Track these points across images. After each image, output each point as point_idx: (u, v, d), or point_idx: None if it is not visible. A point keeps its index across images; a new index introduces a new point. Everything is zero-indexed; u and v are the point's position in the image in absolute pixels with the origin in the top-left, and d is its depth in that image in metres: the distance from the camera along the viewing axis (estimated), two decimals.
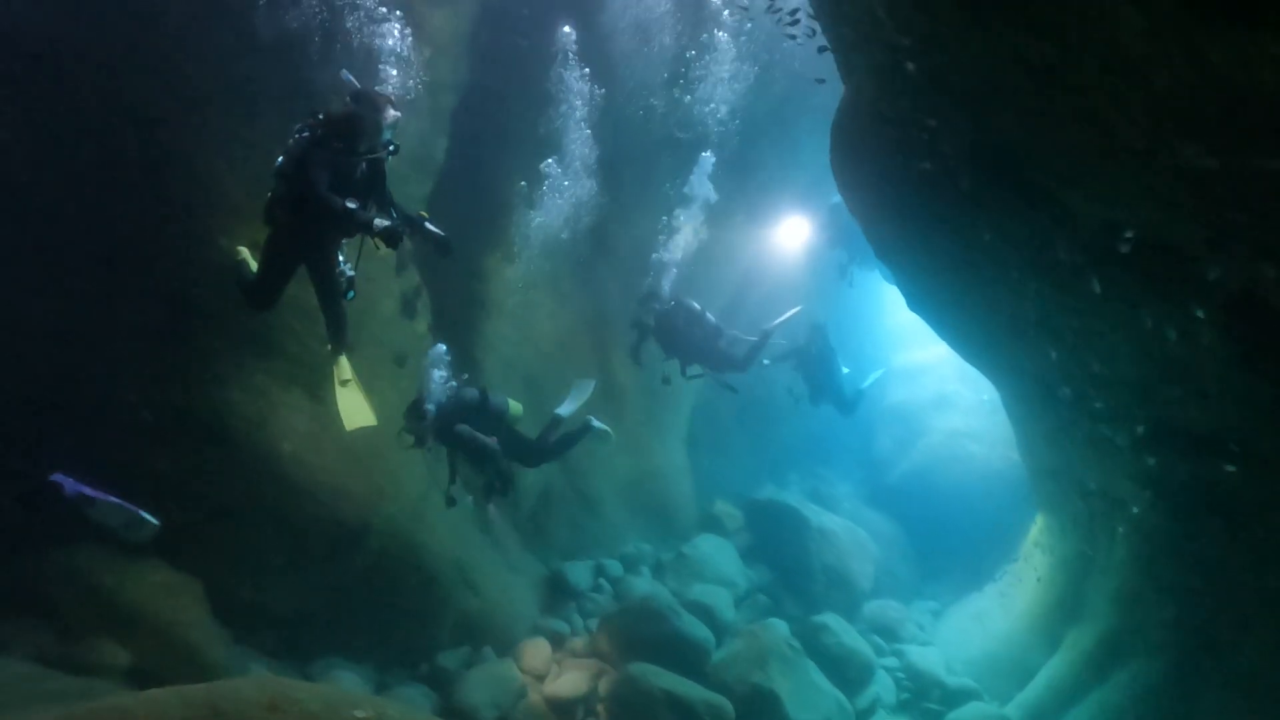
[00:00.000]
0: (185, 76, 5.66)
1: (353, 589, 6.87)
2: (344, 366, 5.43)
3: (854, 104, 5.66)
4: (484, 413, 6.18)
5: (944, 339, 7.60)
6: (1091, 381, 5.58)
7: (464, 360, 8.15)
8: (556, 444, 6.69)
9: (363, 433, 5.71)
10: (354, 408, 5.50)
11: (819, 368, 9.07)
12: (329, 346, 5.32)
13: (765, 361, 8.35)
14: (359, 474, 6.62)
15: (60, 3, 5.49)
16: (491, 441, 6.01)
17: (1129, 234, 4.00)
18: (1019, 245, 5.01)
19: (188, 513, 6.18)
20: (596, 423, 6.82)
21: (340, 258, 5.00)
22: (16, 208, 5.89)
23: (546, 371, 8.74)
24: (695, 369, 7.84)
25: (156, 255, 6.00)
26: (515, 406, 6.43)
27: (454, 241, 4.79)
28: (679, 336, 7.67)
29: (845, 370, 9.37)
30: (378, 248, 4.53)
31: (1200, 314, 4.05)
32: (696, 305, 7.88)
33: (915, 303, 7.02)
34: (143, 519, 5.45)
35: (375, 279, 6.83)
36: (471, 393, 6.21)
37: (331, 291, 5.01)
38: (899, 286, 7.04)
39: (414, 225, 4.66)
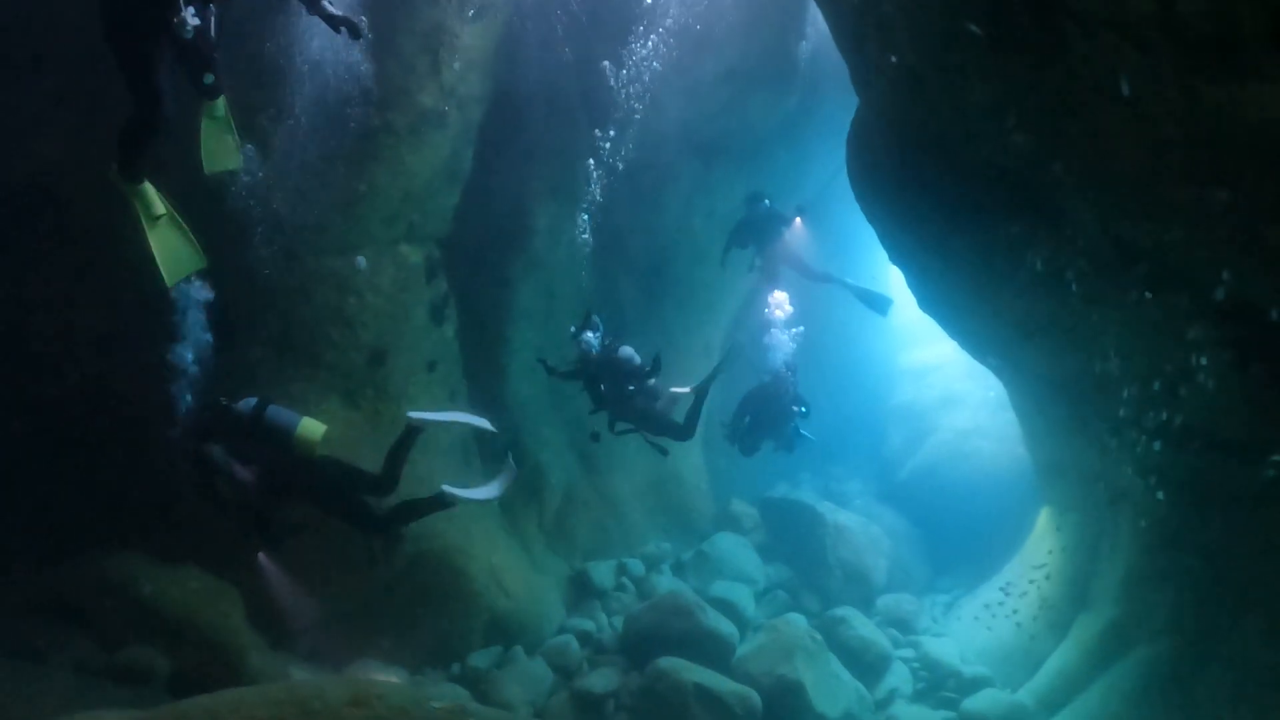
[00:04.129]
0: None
1: (387, 592, 7.08)
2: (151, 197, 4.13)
3: (871, 117, 5.89)
4: (256, 433, 4.61)
5: (954, 338, 7.83)
6: (1098, 379, 5.84)
7: (490, 366, 8.37)
8: (396, 512, 4.95)
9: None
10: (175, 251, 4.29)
11: (776, 408, 8.08)
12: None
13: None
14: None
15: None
16: (245, 473, 4.55)
17: (1143, 263, 4.26)
18: (1031, 253, 5.26)
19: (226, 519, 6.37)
20: (453, 491, 4.88)
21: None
22: (56, 219, 6.06)
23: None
24: (624, 425, 6.79)
25: None
26: (309, 429, 4.66)
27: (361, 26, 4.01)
28: (608, 389, 6.54)
29: (803, 410, 8.30)
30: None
31: (1198, 318, 4.33)
32: (637, 358, 6.61)
33: (927, 304, 7.26)
34: None
35: (409, 288, 7.04)
36: (247, 404, 4.70)
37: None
38: (912, 289, 7.27)
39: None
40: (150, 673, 5.85)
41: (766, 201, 8.84)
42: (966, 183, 5.22)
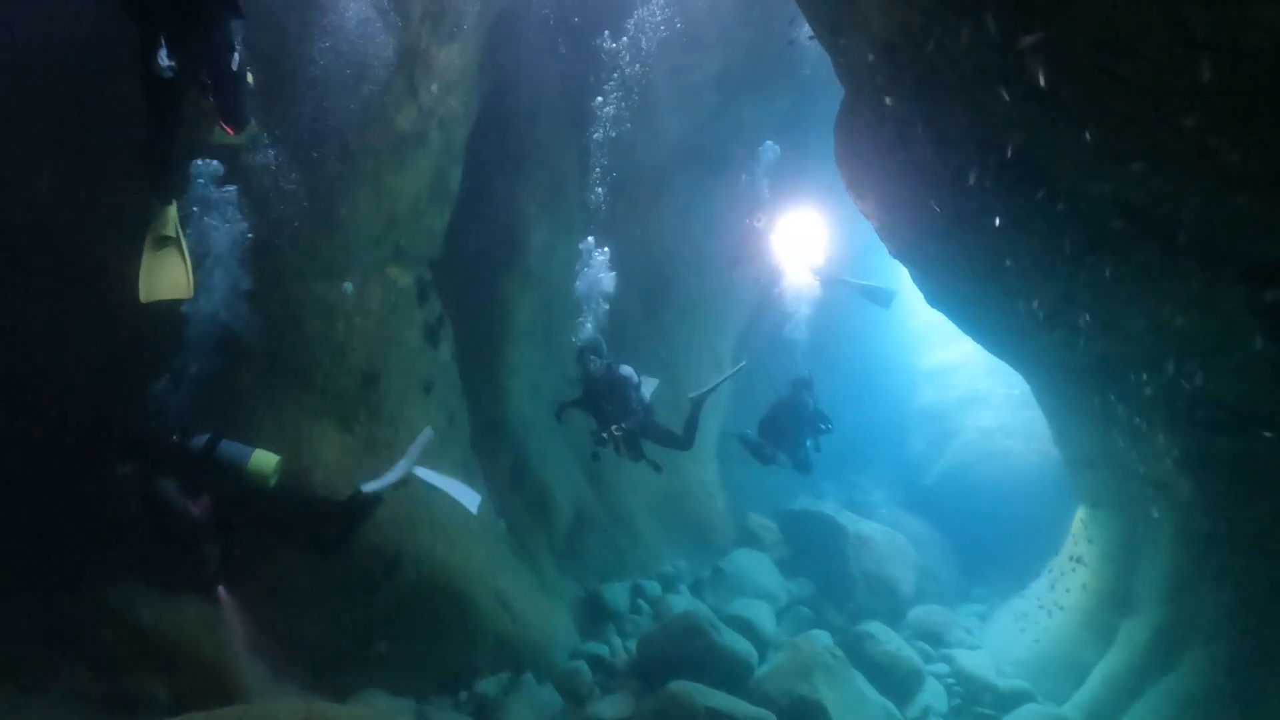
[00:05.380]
0: None
1: (389, 618, 6.91)
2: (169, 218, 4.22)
3: (853, 104, 5.70)
4: (208, 468, 4.57)
5: (967, 333, 7.49)
6: (1121, 364, 5.48)
7: (490, 386, 8.25)
8: (342, 528, 5.04)
9: None
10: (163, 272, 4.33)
11: (795, 424, 7.96)
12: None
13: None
14: (391, 501, 6.70)
15: None
16: (197, 508, 4.50)
17: (1160, 232, 3.94)
18: (1033, 231, 4.97)
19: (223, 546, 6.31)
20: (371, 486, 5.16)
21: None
22: (51, 258, 6.17)
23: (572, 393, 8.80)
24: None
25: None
26: (262, 461, 4.62)
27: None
28: (607, 406, 6.60)
29: (827, 428, 8.09)
30: None
31: (1229, 286, 3.97)
32: (635, 376, 6.75)
33: (934, 299, 6.96)
34: None
35: (399, 310, 6.99)
36: (199, 440, 4.65)
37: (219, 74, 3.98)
38: (916, 283, 6.98)
39: None
40: (149, 701, 5.75)
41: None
42: (957, 161, 4.97)
